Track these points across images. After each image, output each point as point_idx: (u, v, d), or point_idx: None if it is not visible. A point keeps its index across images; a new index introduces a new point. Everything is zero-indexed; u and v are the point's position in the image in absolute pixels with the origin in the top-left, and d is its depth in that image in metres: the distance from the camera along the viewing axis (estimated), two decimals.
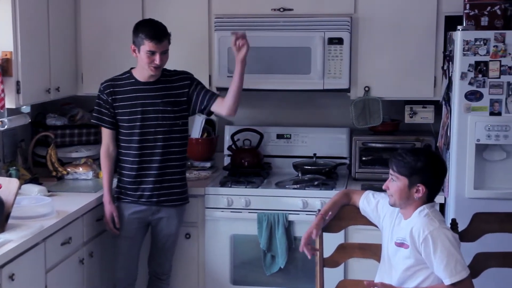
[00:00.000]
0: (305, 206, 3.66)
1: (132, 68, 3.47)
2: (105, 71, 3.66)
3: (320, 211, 2.94)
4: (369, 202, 2.93)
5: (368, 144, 3.99)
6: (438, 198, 3.03)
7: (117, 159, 3.50)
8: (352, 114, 3.91)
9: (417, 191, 2.69)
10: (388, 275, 2.78)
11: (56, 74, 3.77)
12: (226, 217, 3.75)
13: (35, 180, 3.68)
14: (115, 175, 3.53)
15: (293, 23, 3.82)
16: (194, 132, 4.17)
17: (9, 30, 3.31)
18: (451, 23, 3.68)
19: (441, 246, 2.59)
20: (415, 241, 2.64)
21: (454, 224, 2.91)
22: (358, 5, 3.82)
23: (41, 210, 3.09)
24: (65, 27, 3.92)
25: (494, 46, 3.29)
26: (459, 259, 2.59)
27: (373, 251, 2.95)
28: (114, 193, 3.49)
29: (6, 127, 3.58)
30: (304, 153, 4.17)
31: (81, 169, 3.87)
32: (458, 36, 3.33)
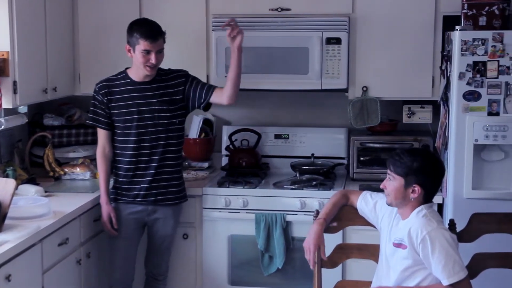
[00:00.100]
0: (303, 207, 3.66)
1: (127, 68, 3.45)
2: (103, 71, 3.65)
3: (320, 215, 2.93)
4: (367, 203, 2.92)
5: (366, 144, 3.98)
6: (436, 199, 3.02)
7: (113, 160, 3.48)
8: (350, 114, 3.91)
9: (413, 192, 2.68)
10: (386, 276, 2.78)
11: (53, 74, 3.76)
12: (224, 218, 3.74)
13: (32, 181, 3.67)
14: (111, 176, 3.52)
15: (291, 23, 3.81)
16: (192, 132, 4.17)
17: (6, 30, 3.30)
18: (449, 23, 3.67)
19: (439, 247, 2.59)
20: (413, 242, 2.64)
21: (452, 225, 2.90)
22: (356, 5, 3.81)
23: (38, 211, 3.08)
24: (62, 27, 3.91)
25: (492, 46, 3.29)
26: (457, 260, 2.59)
27: (371, 252, 2.95)
28: (111, 194, 3.48)
29: (3, 127, 3.57)
30: (302, 153, 4.16)
31: (79, 170, 3.86)
32: (456, 36, 3.33)
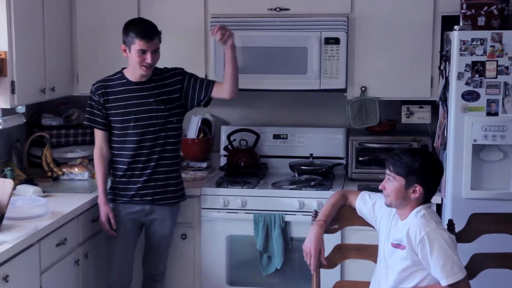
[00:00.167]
0: (302, 207, 3.65)
1: (124, 68, 3.44)
2: (101, 71, 3.63)
3: (320, 216, 2.92)
4: (366, 203, 2.92)
5: (365, 145, 3.98)
6: (435, 199, 3.02)
7: (110, 160, 3.47)
8: (349, 114, 3.90)
9: (414, 192, 2.68)
10: (385, 276, 2.77)
11: (51, 74, 3.75)
12: (222, 218, 3.74)
13: (30, 181, 3.66)
14: (109, 176, 3.50)
15: (290, 23, 3.81)
16: (190, 132, 4.16)
17: (4, 30, 3.29)
18: (448, 23, 3.67)
19: (438, 247, 2.58)
20: (412, 242, 2.64)
21: (451, 225, 2.90)
22: (355, 5, 3.81)
23: (36, 211, 3.08)
24: (61, 27, 3.90)
25: (491, 46, 3.29)
26: (456, 260, 2.59)
27: (370, 252, 2.94)
28: (108, 194, 3.46)
29: (1, 127, 3.56)
30: (301, 154, 4.16)
31: (77, 170, 3.86)
32: (455, 36, 3.32)
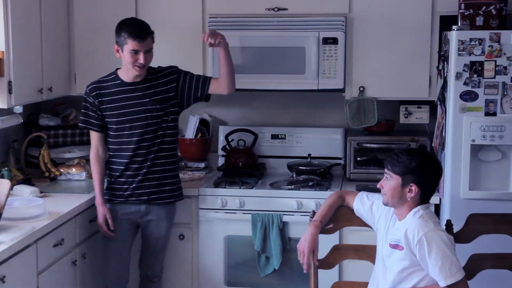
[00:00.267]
0: (300, 207, 3.64)
1: (118, 69, 3.43)
2: (99, 71, 3.62)
3: (316, 216, 2.91)
4: (363, 204, 2.91)
5: (363, 145, 3.97)
6: (433, 199, 3.02)
7: (107, 161, 3.46)
8: (347, 115, 3.90)
9: (410, 191, 2.68)
10: (383, 277, 2.77)
11: (49, 74, 3.74)
12: (220, 218, 3.73)
13: (28, 181, 3.65)
14: (105, 177, 3.49)
15: (288, 23, 3.80)
16: (188, 132, 4.15)
17: (1, 30, 3.28)
18: (446, 23, 3.67)
19: (436, 248, 2.58)
20: (410, 243, 2.63)
21: (449, 226, 2.90)
22: (353, 5, 3.80)
23: (33, 211, 3.07)
24: (58, 26, 3.89)
25: (489, 46, 3.28)
26: (454, 261, 2.58)
27: (368, 253, 2.94)
28: (104, 195, 3.44)
29: None
30: (299, 154, 4.15)
31: (74, 170, 3.85)
32: (453, 36, 3.32)
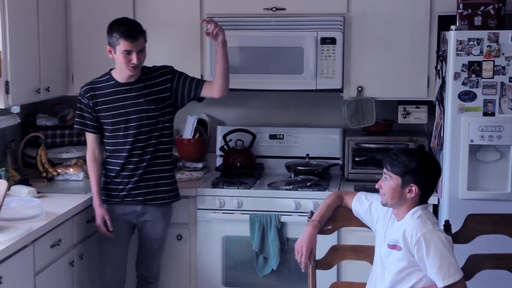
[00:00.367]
0: (298, 207, 3.64)
1: (112, 69, 3.41)
2: (96, 71, 3.60)
3: (314, 217, 2.91)
4: (362, 204, 2.91)
5: (361, 145, 3.97)
6: (432, 199, 3.02)
7: (103, 161, 3.45)
8: (345, 115, 3.89)
9: (410, 191, 2.67)
10: (381, 277, 2.76)
11: (46, 74, 3.73)
12: (218, 218, 3.72)
13: (25, 181, 3.64)
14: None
15: (286, 23, 3.80)
16: (186, 133, 4.15)
17: None
18: (445, 23, 3.66)
19: (434, 249, 2.57)
20: (408, 243, 2.62)
21: (447, 226, 2.89)
22: (351, 5, 3.80)
23: (30, 212, 3.06)
24: (55, 26, 3.88)
25: (488, 46, 3.27)
26: (452, 262, 2.58)
27: (366, 253, 2.93)
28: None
29: None
30: (297, 154, 4.15)
31: (72, 170, 3.84)
32: (452, 36, 3.31)
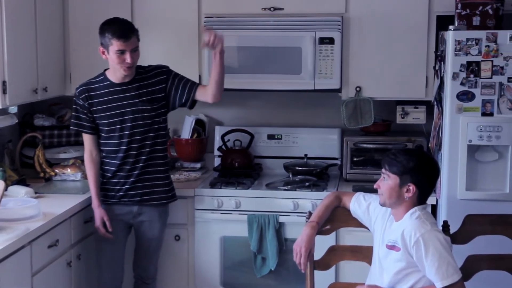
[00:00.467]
0: (296, 208, 3.63)
1: (106, 70, 3.39)
2: (94, 71, 3.58)
3: (312, 217, 2.90)
4: (360, 205, 2.90)
5: (360, 145, 3.96)
6: (430, 200, 3.02)
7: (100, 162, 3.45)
8: (343, 115, 3.89)
9: (408, 191, 2.67)
10: (379, 278, 2.76)
11: (44, 74, 3.73)
12: (216, 219, 3.71)
13: (23, 182, 3.63)
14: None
15: (284, 23, 3.79)
16: (184, 133, 4.14)
17: None
18: (443, 23, 3.66)
19: (433, 249, 2.57)
20: (407, 244, 2.62)
21: (446, 226, 2.88)
22: (350, 5, 3.79)
23: (27, 212, 3.05)
24: (53, 26, 3.87)
25: (486, 46, 3.27)
26: (451, 262, 2.57)
27: (364, 254, 2.92)
28: None
29: None
30: (295, 154, 4.14)
31: (69, 170, 3.83)
32: (450, 36, 3.31)
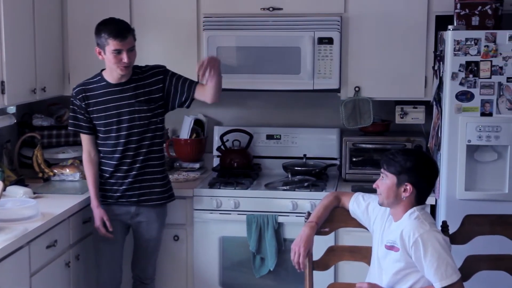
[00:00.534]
0: (295, 208, 3.63)
1: (103, 70, 3.38)
2: (92, 71, 3.57)
3: (311, 218, 2.90)
4: (359, 205, 2.90)
5: (359, 145, 3.96)
6: (429, 200, 3.01)
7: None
8: (342, 115, 3.88)
9: (405, 190, 2.67)
10: (378, 278, 2.75)
11: (42, 74, 3.72)
12: (215, 219, 3.71)
13: (21, 182, 3.62)
14: None
15: (283, 23, 3.78)
16: (183, 133, 4.13)
17: None
18: (442, 23, 3.66)
19: (432, 250, 2.56)
20: (405, 244, 2.62)
21: (445, 227, 2.88)
22: (348, 5, 3.79)
23: (26, 213, 3.04)
24: (51, 26, 3.87)
25: (485, 46, 3.27)
26: (450, 263, 2.57)
27: (363, 254, 2.92)
28: None
29: None
30: (294, 154, 4.13)
31: (68, 170, 3.82)
32: (449, 36, 3.31)
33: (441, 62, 3.42)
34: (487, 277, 2.97)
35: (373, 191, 2.80)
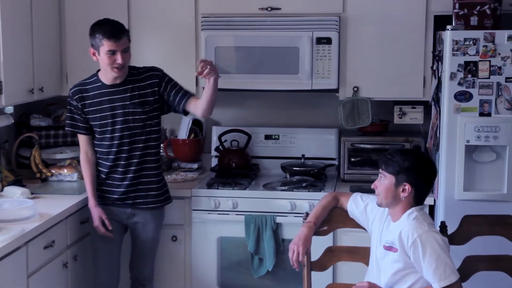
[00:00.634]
0: (293, 208, 3.62)
1: (99, 70, 3.36)
2: (90, 71, 3.56)
3: (309, 218, 2.89)
4: (358, 205, 2.89)
5: (357, 145, 3.95)
6: (428, 200, 3.01)
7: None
8: (341, 115, 3.88)
9: (403, 191, 2.66)
10: (377, 279, 2.75)
11: (40, 74, 3.71)
12: (213, 219, 3.70)
13: (19, 182, 3.62)
14: None
15: (281, 23, 3.78)
16: (181, 133, 4.13)
17: None
18: (441, 23, 3.65)
19: (430, 250, 2.56)
20: (404, 245, 2.61)
21: (443, 227, 2.88)
22: (347, 5, 3.78)
23: (23, 213, 3.04)
24: (49, 26, 3.86)
25: (484, 46, 3.26)
26: (449, 263, 2.56)
27: (362, 255, 2.92)
28: None
29: None
30: (293, 154, 4.13)
31: (66, 171, 3.82)
32: (448, 36, 3.30)
33: (440, 62, 3.42)
34: (486, 278, 2.97)
35: (372, 192, 2.79)
